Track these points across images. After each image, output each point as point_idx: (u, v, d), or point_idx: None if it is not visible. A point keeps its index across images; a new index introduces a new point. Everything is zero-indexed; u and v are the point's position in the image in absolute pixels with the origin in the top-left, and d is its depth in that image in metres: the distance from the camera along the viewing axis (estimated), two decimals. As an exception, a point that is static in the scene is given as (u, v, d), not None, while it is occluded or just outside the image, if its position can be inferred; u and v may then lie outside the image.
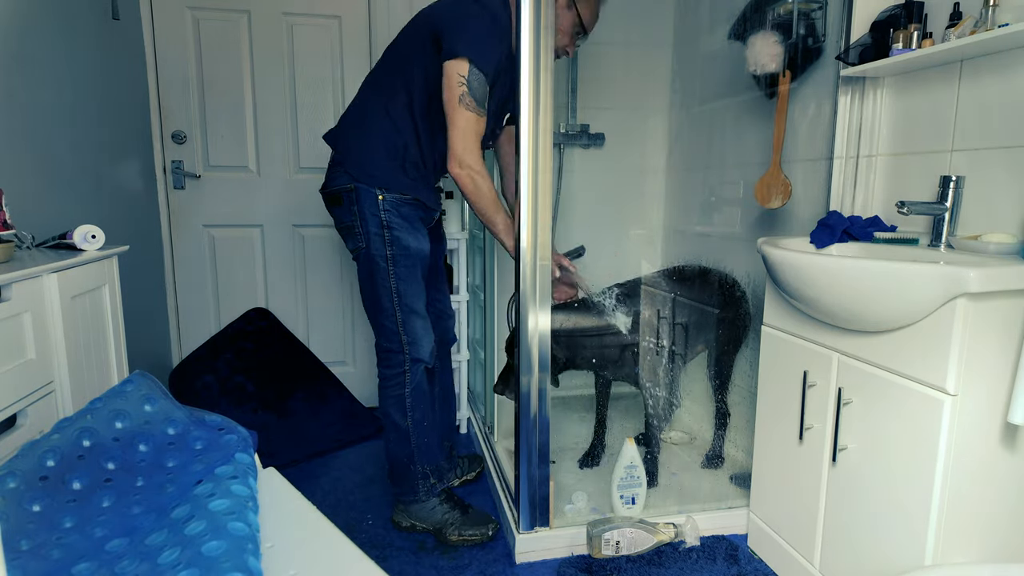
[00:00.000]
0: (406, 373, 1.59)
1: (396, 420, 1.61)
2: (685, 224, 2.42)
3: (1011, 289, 1.05)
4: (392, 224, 1.52)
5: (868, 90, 1.60)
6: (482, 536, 1.63)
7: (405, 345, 1.58)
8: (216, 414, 1.06)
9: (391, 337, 1.58)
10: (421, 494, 1.65)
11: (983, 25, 1.27)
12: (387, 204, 1.51)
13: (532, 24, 1.35)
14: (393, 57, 1.56)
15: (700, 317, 1.88)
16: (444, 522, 1.64)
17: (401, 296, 1.55)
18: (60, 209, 1.69)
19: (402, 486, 1.67)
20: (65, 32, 1.74)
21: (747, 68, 1.87)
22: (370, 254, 1.54)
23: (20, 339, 1.13)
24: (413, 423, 1.62)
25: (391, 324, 1.57)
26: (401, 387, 1.60)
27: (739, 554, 1.61)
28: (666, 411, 1.86)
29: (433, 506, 1.66)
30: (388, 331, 1.58)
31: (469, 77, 1.40)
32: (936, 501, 1.09)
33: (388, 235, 1.52)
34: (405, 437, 1.62)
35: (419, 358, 1.60)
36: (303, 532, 0.90)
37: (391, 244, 1.53)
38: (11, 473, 0.87)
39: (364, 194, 1.51)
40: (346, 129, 1.59)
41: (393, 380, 1.60)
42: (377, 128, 1.53)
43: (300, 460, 2.16)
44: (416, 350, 1.59)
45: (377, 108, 1.54)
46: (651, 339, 1.81)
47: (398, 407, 1.61)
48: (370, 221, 1.52)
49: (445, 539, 1.63)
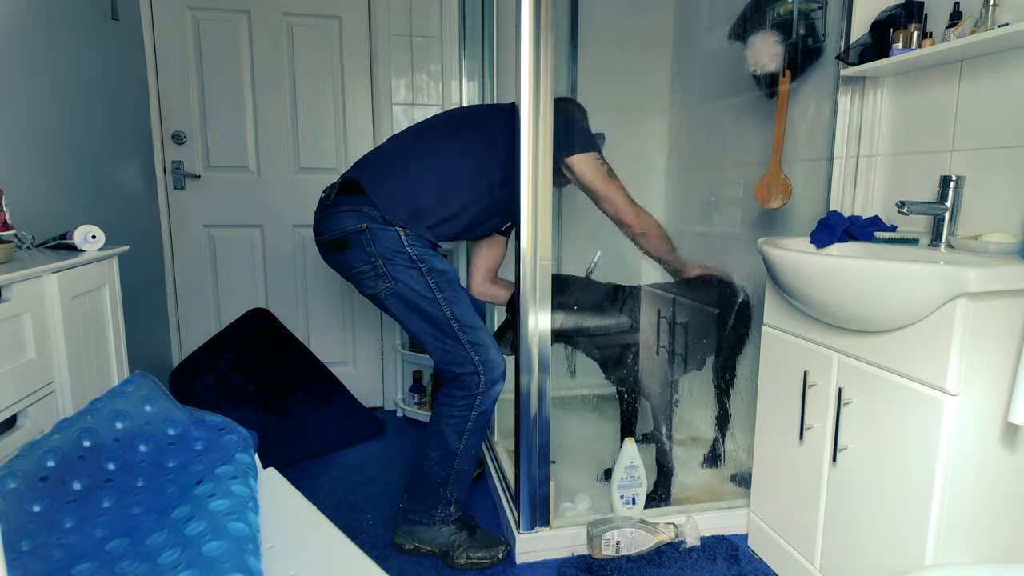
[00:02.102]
0: (478, 396, 1.52)
1: (448, 440, 1.54)
2: (685, 224, 2.42)
3: (1011, 289, 1.05)
4: (423, 256, 1.49)
5: (868, 90, 1.60)
6: (492, 559, 1.56)
7: (479, 366, 1.51)
8: (216, 414, 1.06)
9: (463, 363, 1.52)
10: (437, 519, 1.58)
11: (983, 25, 1.27)
12: (410, 239, 1.48)
13: (532, 24, 1.35)
14: (480, 129, 1.60)
15: (702, 321, 1.87)
16: (451, 544, 1.57)
17: (460, 319, 1.51)
18: (60, 209, 1.69)
19: (421, 505, 1.58)
20: (65, 32, 1.74)
21: (747, 68, 1.87)
22: (406, 292, 1.49)
23: (20, 339, 1.13)
24: (465, 448, 1.54)
25: (458, 350, 1.51)
26: (469, 409, 1.53)
27: (739, 554, 1.61)
28: (666, 413, 1.84)
29: (439, 528, 1.59)
30: (459, 358, 1.51)
31: (600, 157, 1.60)
32: (936, 501, 1.09)
33: (424, 266, 1.48)
34: (450, 459, 1.54)
35: (494, 378, 1.53)
36: (303, 532, 0.90)
37: (430, 273, 1.49)
38: (11, 473, 0.87)
39: (379, 234, 1.46)
40: (391, 173, 1.55)
41: (462, 400, 1.53)
42: (446, 186, 1.54)
43: (300, 460, 2.16)
44: (490, 369, 1.52)
45: (426, 170, 1.54)
46: (652, 341, 1.81)
47: (456, 428, 1.53)
48: (395, 259, 1.47)
49: (452, 562, 1.55)
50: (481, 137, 1.58)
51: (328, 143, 2.49)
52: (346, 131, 2.49)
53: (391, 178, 1.53)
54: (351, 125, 2.49)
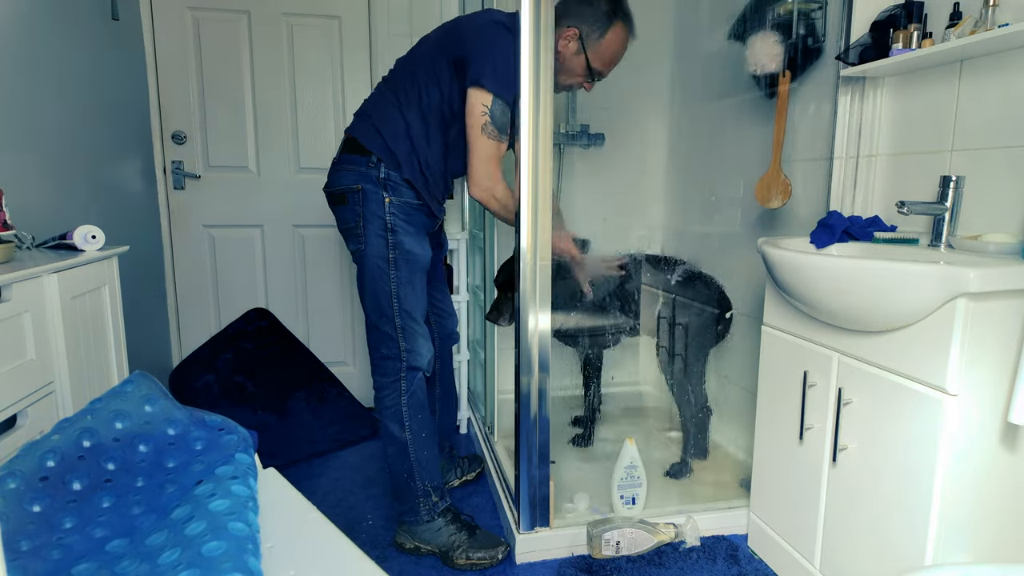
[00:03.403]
0: (401, 381, 1.55)
1: (394, 432, 1.56)
2: (685, 224, 2.42)
3: (1011, 289, 1.05)
4: (396, 227, 1.51)
5: (868, 90, 1.60)
6: (491, 560, 1.56)
7: (403, 352, 1.54)
8: (216, 414, 1.06)
9: (388, 344, 1.54)
10: (423, 514, 1.59)
11: (983, 25, 1.27)
12: (393, 208, 1.50)
13: (532, 24, 1.35)
14: (416, 66, 1.54)
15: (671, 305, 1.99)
16: (450, 544, 1.57)
17: (401, 301, 1.52)
18: (60, 209, 1.69)
19: (404, 504, 1.61)
20: (65, 32, 1.74)
21: (747, 68, 1.87)
22: (370, 255, 1.51)
23: (20, 339, 1.13)
24: (411, 434, 1.56)
25: (389, 329, 1.53)
26: (397, 396, 1.55)
27: (739, 554, 1.61)
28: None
29: (439, 527, 1.59)
30: (386, 337, 1.54)
31: (492, 108, 1.44)
32: (936, 501, 1.09)
33: (392, 238, 1.51)
34: (404, 450, 1.57)
35: (416, 366, 1.56)
36: (303, 532, 0.89)
37: (394, 247, 1.51)
38: (11, 473, 0.87)
39: (371, 195, 1.49)
40: (366, 120, 1.55)
41: (388, 389, 1.56)
42: (400, 130, 1.52)
43: (300, 460, 2.16)
44: (414, 357, 1.55)
45: (394, 112, 1.52)
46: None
47: (395, 418, 1.56)
48: (373, 223, 1.50)
49: (452, 563, 1.56)
50: (412, 72, 1.53)
51: (328, 143, 2.49)
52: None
53: (369, 126, 1.53)
54: (351, 125, 2.49)
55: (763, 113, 1.91)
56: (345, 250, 2.55)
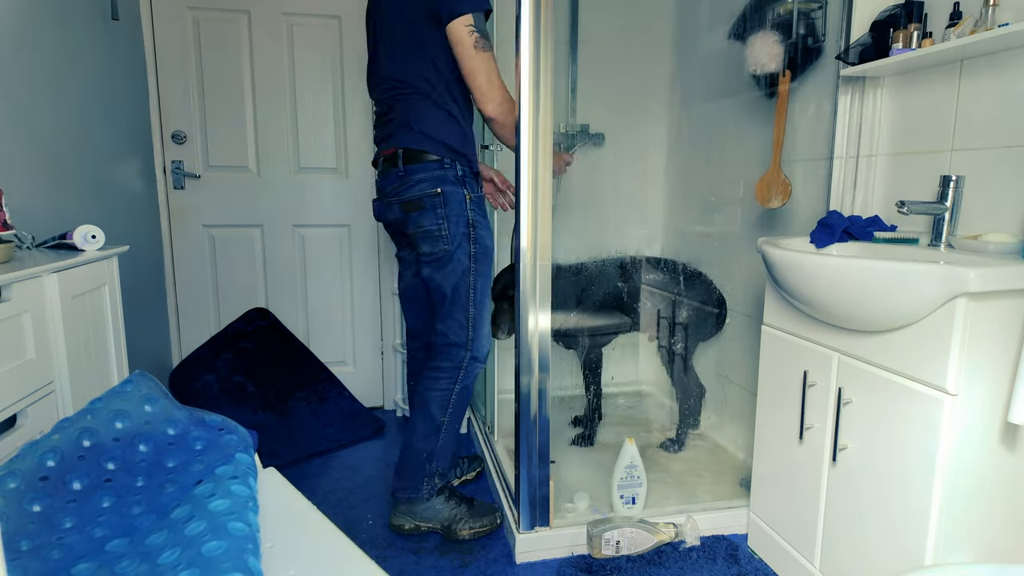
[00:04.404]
0: (462, 369, 1.61)
1: (433, 413, 1.61)
2: (685, 224, 2.42)
3: (1011, 289, 1.05)
4: (477, 223, 1.57)
5: (868, 90, 1.60)
6: (491, 525, 1.65)
7: (470, 341, 1.60)
8: (216, 414, 1.06)
9: (458, 331, 1.59)
10: (424, 492, 1.64)
11: (983, 25, 1.27)
12: (473, 204, 1.56)
13: (532, 24, 1.35)
14: (407, 52, 1.54)
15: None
16: (452, 518, 1.63)
17: (477, 292, 1.59)
18: (60, 209, 1.69)
19: (408, 481, 1.65)
20: (65, 33, 1.74)
21: (747, 68, 1.87)
22: (457, 254, 1.56)
23: (20, 339, 1.13)
24: (448, 422, 1.62)
25: (462, 318, 1.59)
26: (452, 383, 1.61)
27: (739, 554, 1.61)
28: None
29: (439, 504, 1.65)
30: (457, 324, 1.59)
31: (475, 23, 1.45)
32: (936, 501, 1.09)
33: (473, 233, 1.57)
34: (435, 433, 1.62)
35: (479, 357, 1.62)
36: (303, 532, 0.89)
37: (475, 242, 1.57)
38: (11, 473, 0.87)
39: (451, 196, 1.53)
40: (408, 130, 1.55)
41: (446, 373, 1.61)
42: (441, 116, 1.54)
43: (300, 460, 2.16)
44: (478, 348, 1.61)
45: (427, 106, 1.53)
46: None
47: (440, 402, 1.61)
48: (457, 223, 1.54)
49: (455, 535, 1.62)
50: (409, 58, 1.55)
51: (328, 143, 2.49)
52: (346, 131, 2.49)
53: (411, 129, 1.55)
54: (351, 125, 2.49)
55: (763, 113, 1.91)
56: (343, 250, 2.55)
